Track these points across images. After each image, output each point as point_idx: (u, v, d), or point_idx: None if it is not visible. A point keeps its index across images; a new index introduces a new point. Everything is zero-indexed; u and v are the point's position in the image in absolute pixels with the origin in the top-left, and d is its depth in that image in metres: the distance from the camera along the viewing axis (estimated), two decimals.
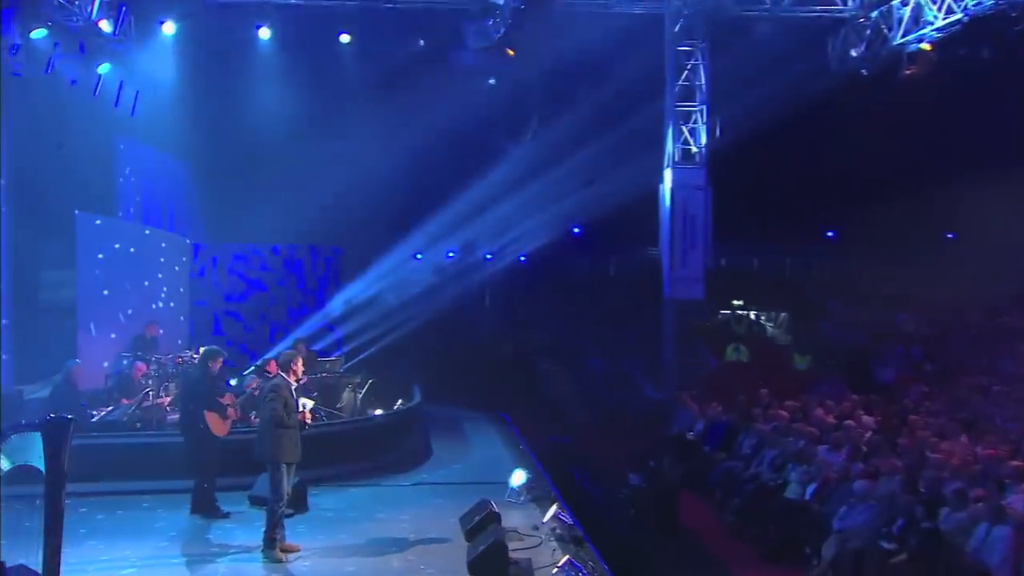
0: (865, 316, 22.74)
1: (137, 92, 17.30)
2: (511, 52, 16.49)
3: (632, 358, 21.22)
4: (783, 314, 24.36)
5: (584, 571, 8.04)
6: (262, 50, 18.67)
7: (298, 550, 9.56)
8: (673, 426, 16.67)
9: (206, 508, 10.86)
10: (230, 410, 10.86)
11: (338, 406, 14.05)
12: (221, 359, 11.09)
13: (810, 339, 21.70)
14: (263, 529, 9.40)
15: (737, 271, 25.64)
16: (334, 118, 19.65)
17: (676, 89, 18.71)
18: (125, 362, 14.50)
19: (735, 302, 26.12)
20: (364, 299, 19.67)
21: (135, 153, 18.11)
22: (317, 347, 17.07)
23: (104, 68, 15.91)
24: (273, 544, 9.32)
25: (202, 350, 11.50)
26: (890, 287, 22.66)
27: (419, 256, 23.84)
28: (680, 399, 17.24)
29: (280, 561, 9.27)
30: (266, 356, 14.08)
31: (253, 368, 14.73)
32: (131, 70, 16.61)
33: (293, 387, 9.59)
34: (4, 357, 14.51)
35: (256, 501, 10.84)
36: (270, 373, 13.30)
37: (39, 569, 6.73)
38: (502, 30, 15.98)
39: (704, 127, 18.80)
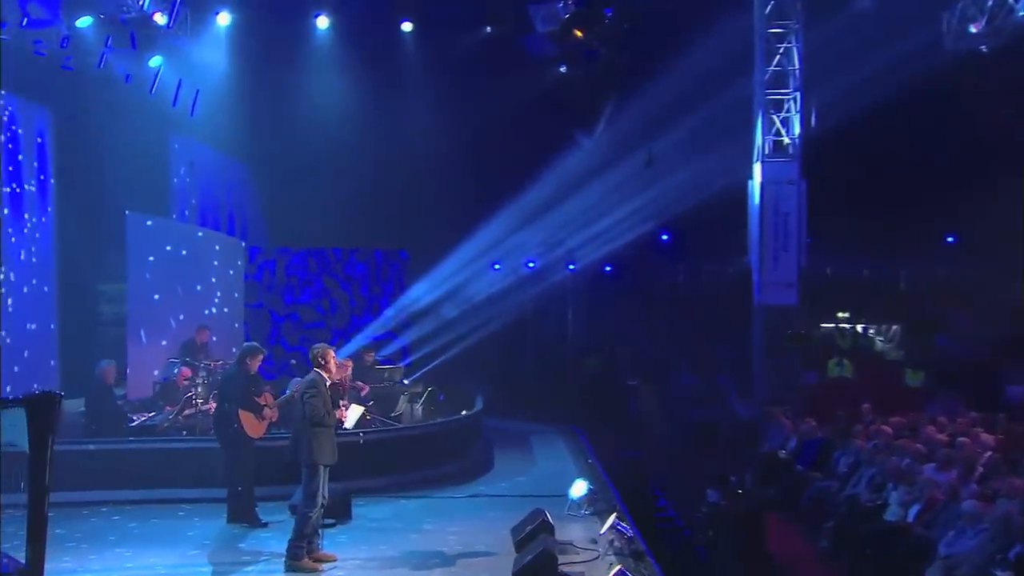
0: (990, 329, 21.74)
1: (197, 91, 17.56)
2: (579, 34, 16.28)
3: (725, 373, 20.75)
4: (895, 327, 23.51)
5: None
6: (320, 40, 18.85)
7: (334, 560, 9.45)
8: (764, 444, 16.19)
9: (244, 517, 10.85)
10: (267, 411, 10.83)
11: (392, 415, 13.96)
12: (260, 356, 11.10)
13: (925, 354, 20.86)
14: (288, 538, 9.29)
15: (845, 281, 24.94)
16: (396, 112, 19.73)
17: (766, 75, 18.17)
18: (176, 370, 14.69)
19: (840, 314, 25.44)
20: (431, 307, 19.68)
21: (191, 152, 18.49)
22: (381, 355, 17.10)
23: (156, 61, 16.24)
24: (298, 554, 9.20)
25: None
26: (1019, 297, 21.63)
27: (497, 267, 23.84)
28: (771, 415, 16.70)
29: (311, 571, 9.15)
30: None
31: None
32: (184, 64, 16.92)
33: (328, 383, 9.48)
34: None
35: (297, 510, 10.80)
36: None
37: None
38: (570, 12, 15.79)
39: (798, 116, 18.19)
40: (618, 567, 7.93)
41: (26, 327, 15.09)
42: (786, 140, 18.37)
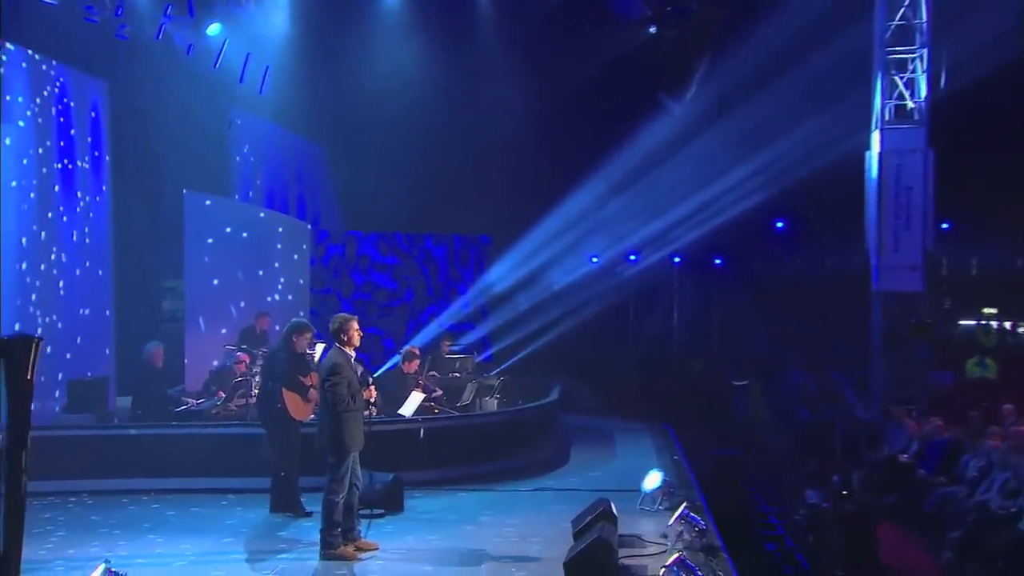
0: None
1: (267, 68, 17.82)
2: None
3: (842, 371, 20.15)
4: None
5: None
6: (389, 5, 18.95)
7: (375, 548, 9.44)
8: (884, 447, 15.64)
9: (288, 505, 10.90)
10: (314, 392, 10.84)
11: (459, 404, 13.91)
12: (309, 334, 11.13)
13: None
14: (319, 528, 9.29)
15: (995, 273, 23.95)
16: (471, 82, 19.74)
17: (888, 31, 17.49)
18: (233, 358, 14.89)
19: (986, 310, 24.47)
20: (514, 295, 19.65)
21: (254, 129, 18.80)
22: (461, 345, 17.13)
23: (214, 30, 16.56)
24: (333, 543, 9.20)
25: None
26: None
27: (595, 259, 23.71)
28: (893, 415, 16.12)
29: (349, 559, 9.11)
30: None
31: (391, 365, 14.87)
32: (245, 33, 17.21)
33: (352, 358, 9.42)
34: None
35: None
36: (407, 373, 13.60)
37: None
38: None
39: (924, 76, 17.47)
40: (676, 554, 7.65)
41: (79, 312, 15.47)
42: (910, 104, 17.69)
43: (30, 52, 14.47)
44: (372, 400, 9.57)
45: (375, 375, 13.75)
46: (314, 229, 19.39)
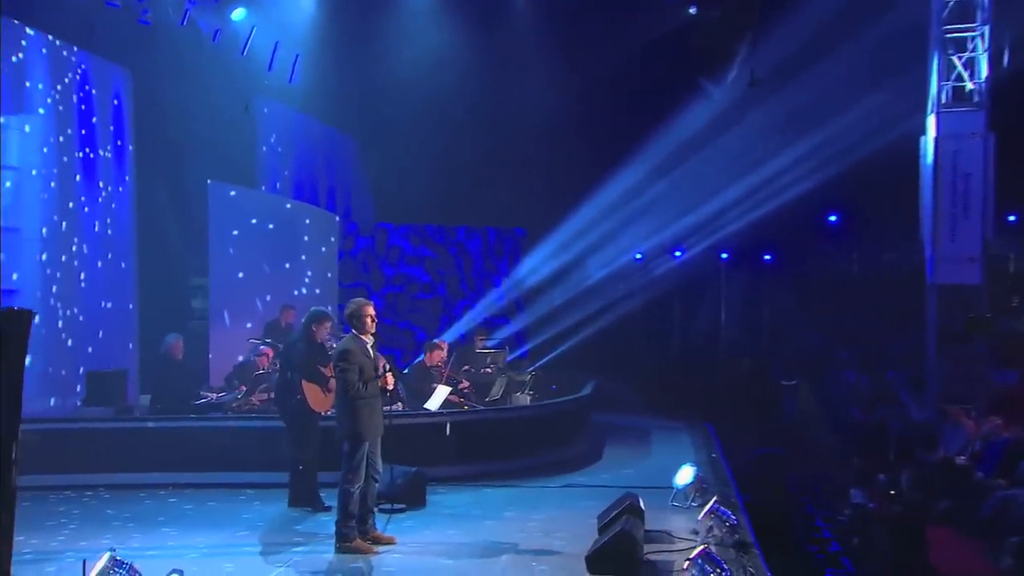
0: None
1: (296, 56, 17.85)
2: None
3: (896, 370, 19.88)
4: None
5: (728, 571, 7.28)
6: None
7: (393, 542, 9.45)
8: (939, 448, 15.36)
9: (306, 500, 10.94)
10: (334, 383, 10.86)
11: (487, 399, 13.90)
12: (329, 323, 11.17)
13: None
14: (335, 520, 9.32)
15: None
16: (504, 68, 19.69)
17: (946, 8, 17.14)
18: (261, 348, 14.95)
19: None
20: (551, 289, 19.62)
21: (282, 118, 18.90)
22: (495, 340, 17.15)
23: (239, 15, 16.64)
24: (348, 535, 9.22)
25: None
26: None
27: (639, 256, 23.63)
28: (949, 415, 15.81)
29: (364, 552, 9.12)
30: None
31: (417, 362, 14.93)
32: (270, 17, 17.27)
33: (368, 344, 9.42)
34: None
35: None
36: (431, 366, 13.65)
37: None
38: None
39: (985, 55, 17.09)
40: (701, 547, 7.54)
41: (101, 305, 15.66)
42: (969, 85, 17.32)
43: (51, 38, 14.66)
44: (389, 389, 9.56)
45: (405, 371, 13.87)
46: (344, 221, 19.49)
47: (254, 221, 16.90)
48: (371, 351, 9.46)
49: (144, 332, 16.51)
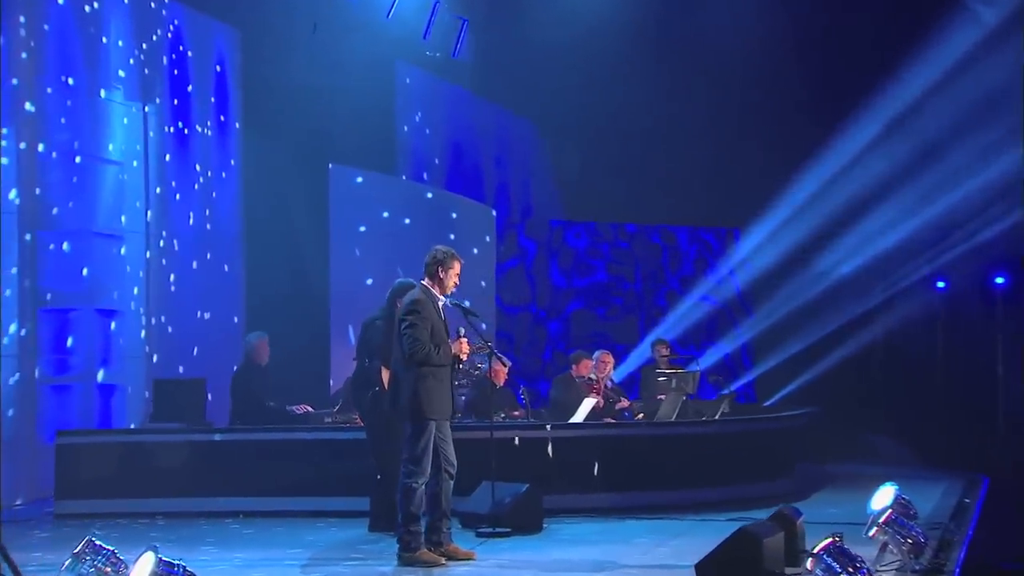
0: None
1: (464, 22, 17.92)
2: None
3: None
4: None
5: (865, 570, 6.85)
6: None
7: (472, 558, 9.39)
8: None
9: (389, 520, 10.79)
10: None
11: (656, 419, 13.69)
12: None
13: None
14: (397, 522, 9.34)
15: None
16: (705, 27, 19.55)
17: None
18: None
19: None
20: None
21: (435, 93, 19.21)
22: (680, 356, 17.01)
23: None
24: (412, 544, 9.20)
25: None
26: None
27: (941, 284, 22.77)
28: None
29: (430, 564, 9.07)
30: None
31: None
32: None
33: (441, 303, 9.41)
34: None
35: (469, 519, 10.89)
36: (577, 376, 13.70)
37: None
38: None
39: None
40: (828, 540, 7.13)
41: (196, 315, 16.07)
42: None
43: None
44: (462, 358, 9.49)
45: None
46: (511, 217, 19.74)
47: (386, 214, 17.20)
48: (442, 312, 9.45)
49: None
